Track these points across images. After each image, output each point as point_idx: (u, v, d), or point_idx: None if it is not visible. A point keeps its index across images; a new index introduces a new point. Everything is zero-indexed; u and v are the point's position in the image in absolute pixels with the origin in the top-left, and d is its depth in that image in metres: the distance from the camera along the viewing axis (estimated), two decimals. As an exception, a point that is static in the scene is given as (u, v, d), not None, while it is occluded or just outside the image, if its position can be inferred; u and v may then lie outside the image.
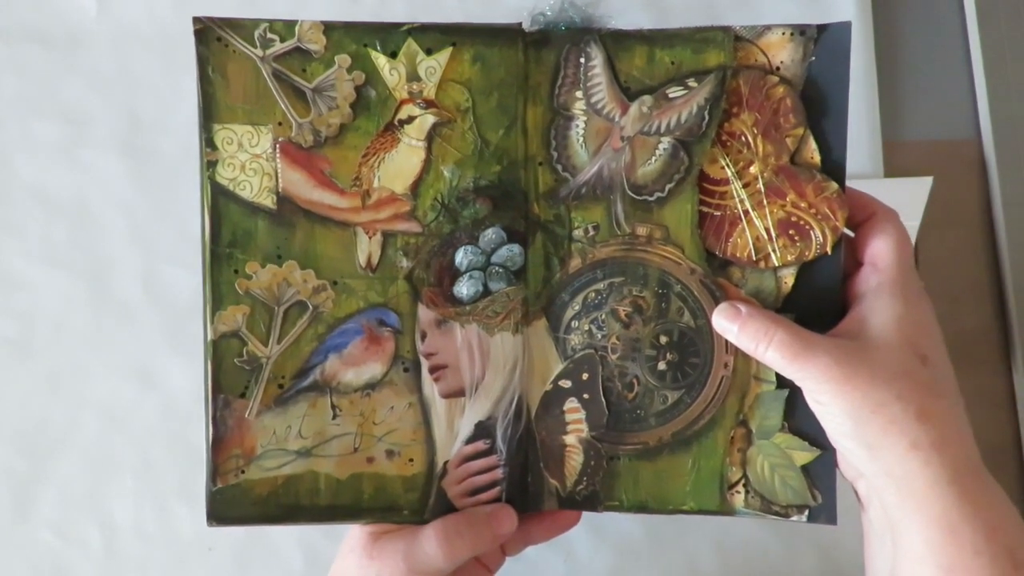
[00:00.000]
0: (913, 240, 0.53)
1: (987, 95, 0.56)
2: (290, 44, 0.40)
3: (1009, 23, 0.56)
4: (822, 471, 0.42)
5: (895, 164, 0.56)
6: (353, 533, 0.42)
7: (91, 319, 0.55)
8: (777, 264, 0.42)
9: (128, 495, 0.54)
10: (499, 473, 0.41)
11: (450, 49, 0.41)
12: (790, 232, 0.41)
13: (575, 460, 0.42)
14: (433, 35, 0.40)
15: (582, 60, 0.41)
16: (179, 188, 0.55)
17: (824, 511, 0.42)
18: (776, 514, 0.42)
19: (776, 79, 0.41)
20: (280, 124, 0.41)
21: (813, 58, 0.41)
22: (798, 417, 0.42)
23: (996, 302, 0.56)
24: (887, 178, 0.55)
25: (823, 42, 0.41)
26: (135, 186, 0.56)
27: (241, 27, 0.40)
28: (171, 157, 0.56)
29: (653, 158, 0.41)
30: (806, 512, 0.42)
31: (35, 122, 0.56)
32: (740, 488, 0.42)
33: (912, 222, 0.53)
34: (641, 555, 0.53)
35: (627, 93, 0.41)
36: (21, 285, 0.55)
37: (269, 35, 0.40)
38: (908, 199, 0.53)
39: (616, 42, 0.41)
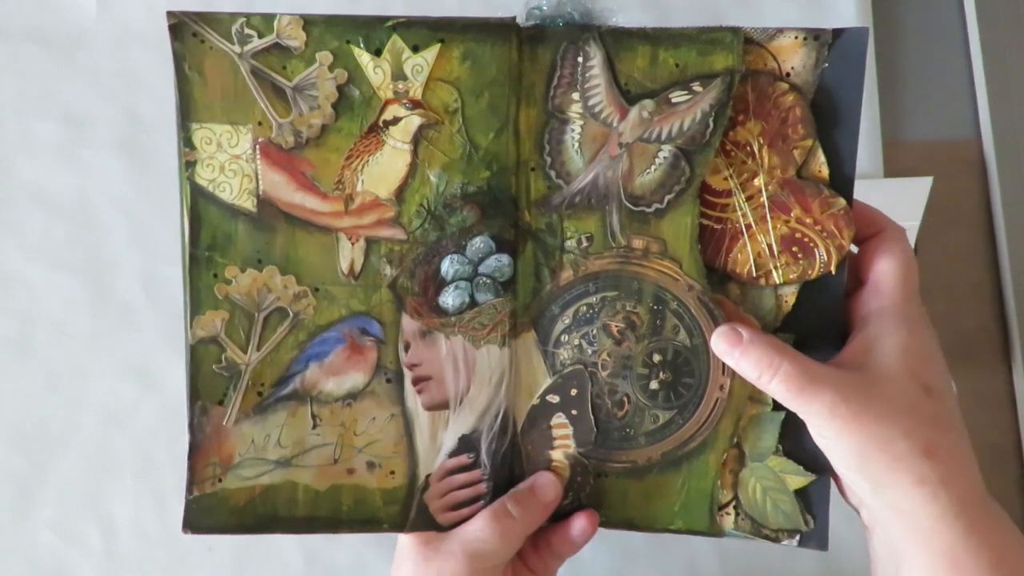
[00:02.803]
0: (913, 240, 0.52)
1: (987, 95, 0.55)
2: (269, 40, 0.38)
3: (1009, 23, 0.55)
4: (816, 496, 0.40)
5: (895, 164, 0.54)
6: (404, 542, 0.41)
7: (91, 319, 0.55)
8: (778, 282, 0.40)
9: (128, 495, 0.54)
10: (483, 487, 0.40)
11: (438, 46, 0.38)
12: (793, 249, 0.39)
13: (561, 475, 0.41)
14: (420, 31, 0.38)
15: (580, 59, 0.39)
16: (179, 188, 0.55)
17: (815, 536, 0.40)
18: (766, 537, 0.41)
19: (786, 86, 0.38)
20: (260, 124, 0.39)
21: (826, 65, 0.38)
22: (793, 440, 0.40)
23: (996, 302, 0.55)
24: (887, 178, 0.53)
25: (837, 48, 0.38)
26: (135, 186, 0.55)
27: (217, 21, 0.37)
28: (171, 157, 0.54)
29: (652, 167, 0.39)
30: (797, 537, 0.40)
31: (35, 122, 0.55)
32: (730, 510, 0.41)
33: (912, 222, 0.52)
34: (641, 556, 0.53)
35: (627, 96, 0.39)
36: (21, 285, 0.55)
37: (247, 30, 0.38)
38: (908, 199, 0.52)
39: (617, 41, 0.39)
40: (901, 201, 0.44)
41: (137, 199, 0.55)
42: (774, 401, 0.40)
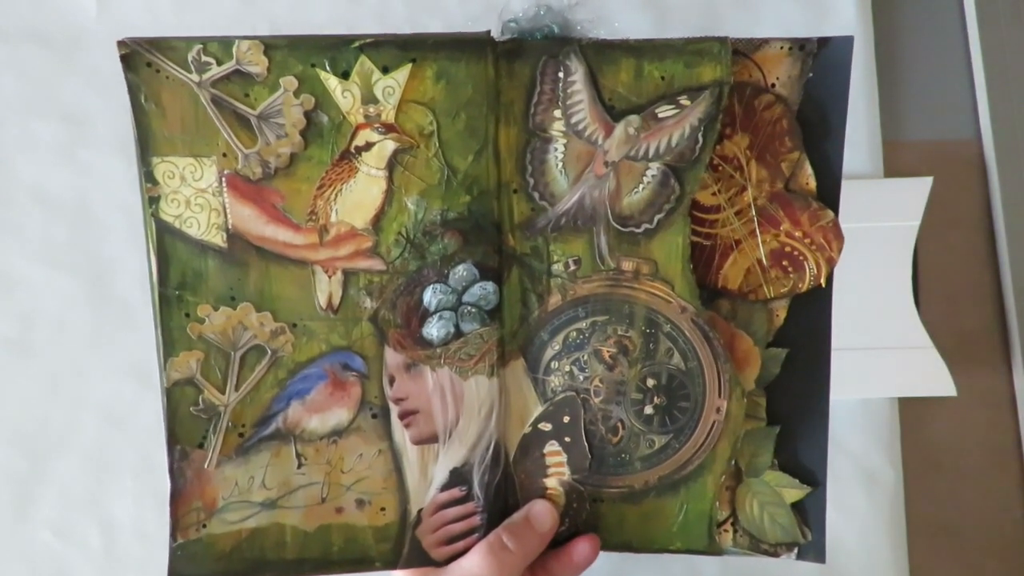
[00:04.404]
0: (913, 240, 0.51)
1: (987, 95, 0.54)
2: (228, 67, 0.35)
3: (1009, 23, 0.54)
4: (812, 508, 0.40)
5: (895, 164, 0.54)
6: None
7: (91, 319, 0.54)
8: (769, 296, 0.39)
9: (128, 495, 0.54)
10: (477, 520, 0.39)
11: (409, 66, 0.36)
12: (783, 263, 0.38)
13: (556, 502, 0.40)
14: (389, 51, 0.36)
15: (560, 74, 0.37)
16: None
17: (813, 548, 0.40)
18: (765, 553, 0.40)
19: (772, 98, 0.37)
20: (225, 155, 0.36)
21: (811, 75, 0.37)
22: (788, 454, 0.40)
23: (996, 302, 0.55)
24: (887, 178, 0.53)
25: (823, 58, 0.37)
26: (135, 186, 0.55)
27: (172, 49, 0.35)
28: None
29: (640, 186, 0.38)
30: (795, 550, 0.40)
31: (35, 122, 0.55)
32: (728, 527, 0.40)
33: (912, 222, 0.51)
34: (641, 556, 0.52)
35: (611, 112, 0.37)
36: (21, 285, 0.55)
37: (204, 58, 0.35)
38: (908, 199, 0.51)
39: (599, 54, 0.37)
40: (901, 201, 0.42)
41: (137, 199, 0.55)
42: (768, 416, 0.40)
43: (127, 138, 0.53)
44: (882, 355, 0.51)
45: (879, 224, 0.51)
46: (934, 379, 0.51)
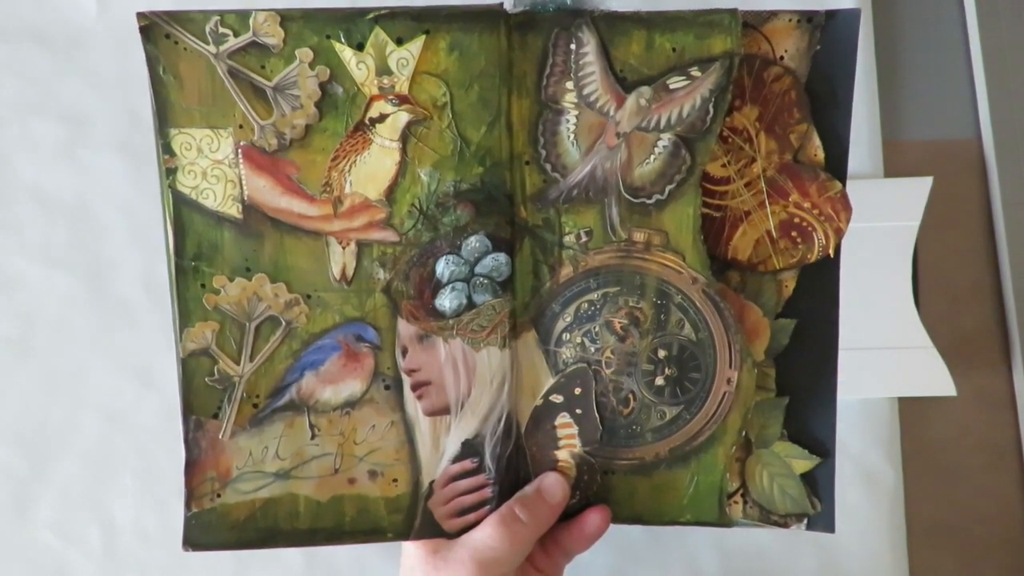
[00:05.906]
0: (913, 240, 0.52)
1: (987, 95, 0.54)
2: (245, 39, 0.36)
3: (1009, 23, 0.54)
4: (822, 479, 0.40)
5: (895, 164, 0.54)
6: (410, 553, 0.41)
7: (91, 319, 0.55)
8: (778, 267, 0.39)
9: (128, 495, 0.54)
10: (488, 492, 0.39)
11: (423, 37, 0.37)
12: (792, 234, 0.39)
13: (568, 475, 0.40)
14: (403, 22, 0.36)
15: (572, 46, 0.37)
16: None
17: (822, 519, 0.40)
18: (775, 523, 0.41)
19: (780, 70, 0.37)
20: (241, 127, 0.37)
21: (818, 47, 0.37)
22: (797, 425, 0.40)
23: (996, 302, 0.55)
24: (887, 178, 0.53)
25: (830, 30, 0.37)
26: (135, 186, 0.55)
27: (190, 21, 0.35)
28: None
29: (651, 157, 0.38)
30: (805, 521, 0.40)
31: (35, 122, 0.55)
32: (738, 498, 0.41)
33: (912, 222, 0.52)
34: (641, 555, 0.52)
35: (623, 84, 0.37)
36: (21, 285, 0.55)
37: (221, 29, 0.36)
38: (908, 199, 0.51)
39: (611, 26, 0.37)
40: (901, 201, 0.42)
41: (137, 199, 0.55)
42: (778, 386, 0.40)
43: (127, 138, 0.55)
44: (882, 355, 0.51)
45: (879, 224, 0.51)
46: (934, 379, 0.51)
